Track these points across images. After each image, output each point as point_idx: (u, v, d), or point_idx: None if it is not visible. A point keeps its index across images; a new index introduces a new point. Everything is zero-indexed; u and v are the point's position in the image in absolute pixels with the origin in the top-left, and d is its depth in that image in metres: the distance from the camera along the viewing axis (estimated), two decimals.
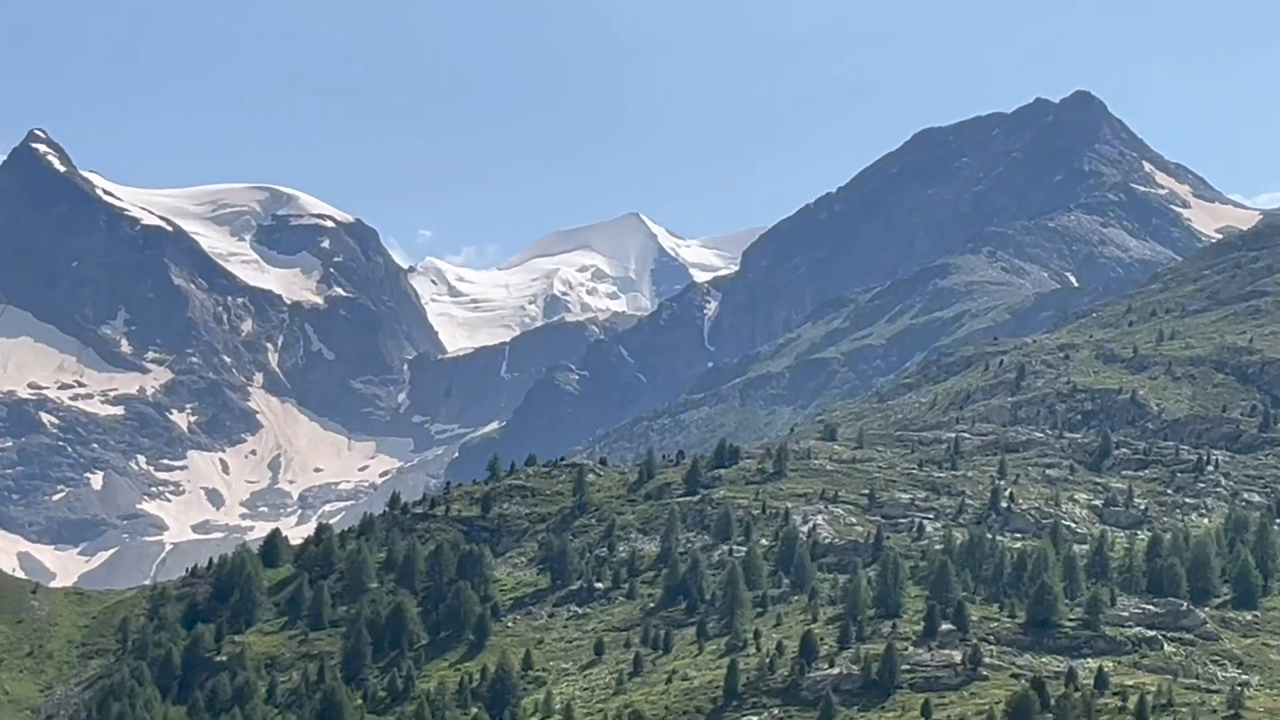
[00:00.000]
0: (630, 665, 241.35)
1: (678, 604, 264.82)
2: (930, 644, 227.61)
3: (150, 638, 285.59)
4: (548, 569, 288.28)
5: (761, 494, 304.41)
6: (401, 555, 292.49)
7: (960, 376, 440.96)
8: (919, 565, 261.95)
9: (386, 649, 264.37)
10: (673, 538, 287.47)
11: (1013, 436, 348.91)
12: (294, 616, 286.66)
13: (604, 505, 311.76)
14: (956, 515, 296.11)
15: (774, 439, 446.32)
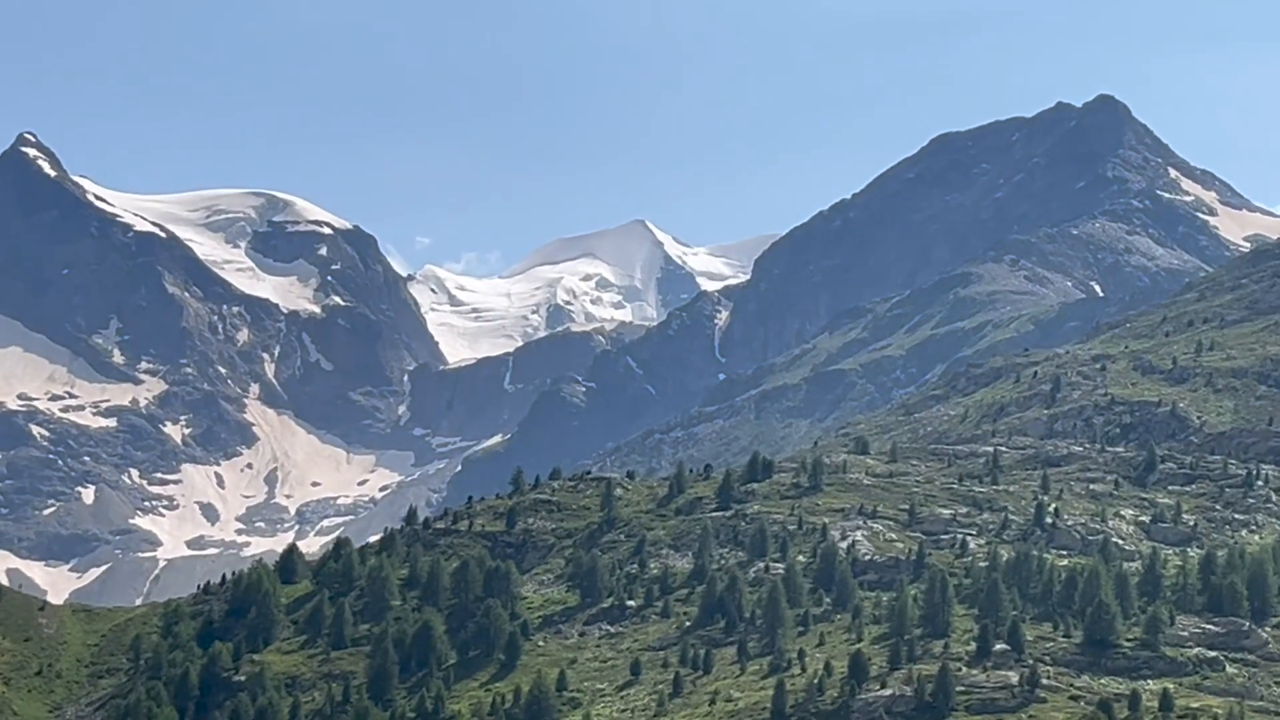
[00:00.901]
0: (670, 686, 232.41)
1: (715, 622, 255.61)
2: (985, 664, 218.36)
3: (164, 656, 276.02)
4: (577, 586, 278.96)
5: (797, 509, 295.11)
6: (425, 572, 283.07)
7: (990, 388, 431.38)
8: (963, 583, 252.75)
9: (414, 669, 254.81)
10: (706, 554, 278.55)
11: (1052, 450, 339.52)
12: (314, 635, 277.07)
13: (633, 520, 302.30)
14: (1000, 531, 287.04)
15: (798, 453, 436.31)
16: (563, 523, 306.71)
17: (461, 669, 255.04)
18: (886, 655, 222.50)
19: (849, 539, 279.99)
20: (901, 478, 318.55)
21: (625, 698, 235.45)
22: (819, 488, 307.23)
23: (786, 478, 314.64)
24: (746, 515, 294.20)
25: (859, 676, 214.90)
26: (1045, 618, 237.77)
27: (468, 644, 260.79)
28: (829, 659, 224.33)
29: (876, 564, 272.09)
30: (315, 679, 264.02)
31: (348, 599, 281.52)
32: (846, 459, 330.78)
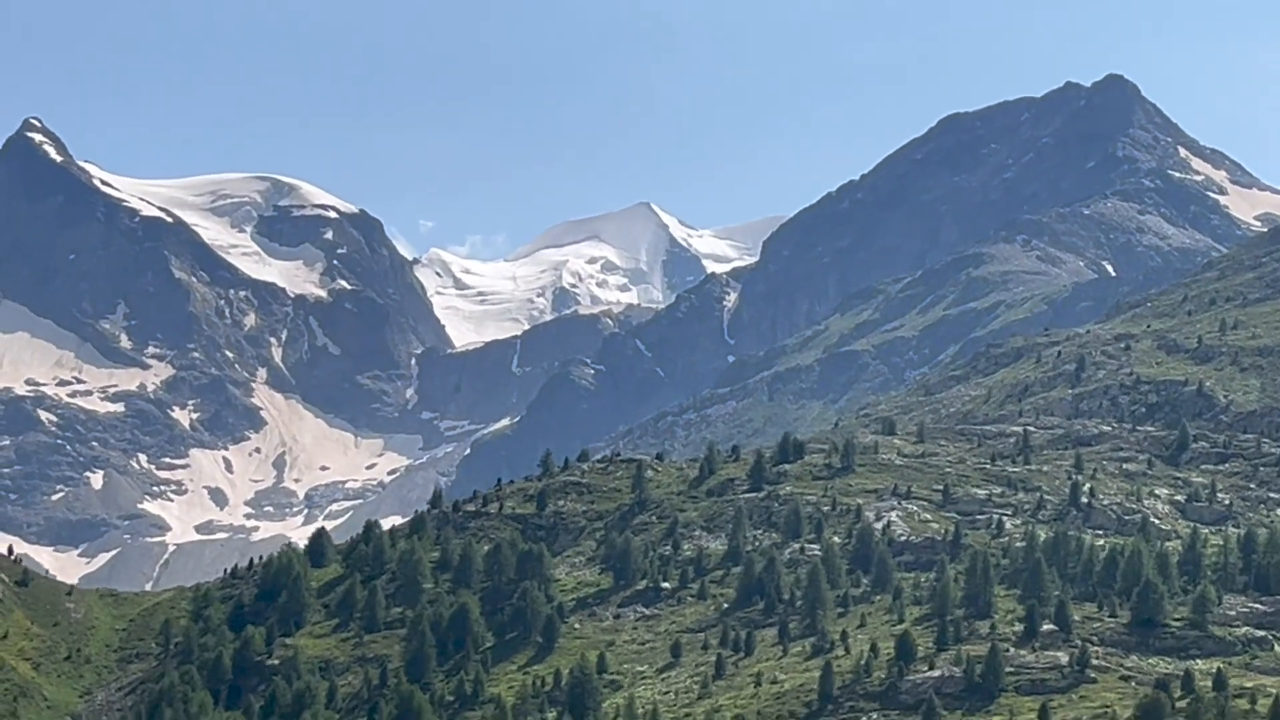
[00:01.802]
0: (712, 668, 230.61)
1: (754, 604, 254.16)
2: (1033, 645, 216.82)
3: (195, 640, 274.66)
4: (610, 568, 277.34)
5: (830, 490, 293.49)
6: (457, 555, 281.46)
7: (1011, 369, 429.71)
8: (1001, 563, 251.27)
9: (451, 651, 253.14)
10: (740, 535, 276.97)
11: (1082, 430, 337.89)
12: (346, 618, 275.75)
13: (664, 502, 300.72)
14: (1035, 511, 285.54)
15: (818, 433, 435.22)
16: (593, 505, 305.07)
17: (499, 652, 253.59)
18: (933, 636, 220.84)
19: (884, 520, 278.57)
20: (933, 458, 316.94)
21: (666, 680, 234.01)
22: (851, 468, 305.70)
23: (818, 459, 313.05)
24: (779, 496, 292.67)
25: (906, 657, 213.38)
26: (1086, 598, 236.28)
27: (504, 627, 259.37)
28: (874, 640, 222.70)
29: (912, 544, 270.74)
30: (349, 662, 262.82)
31: (379, 582, 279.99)
32: (877, 440, 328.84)
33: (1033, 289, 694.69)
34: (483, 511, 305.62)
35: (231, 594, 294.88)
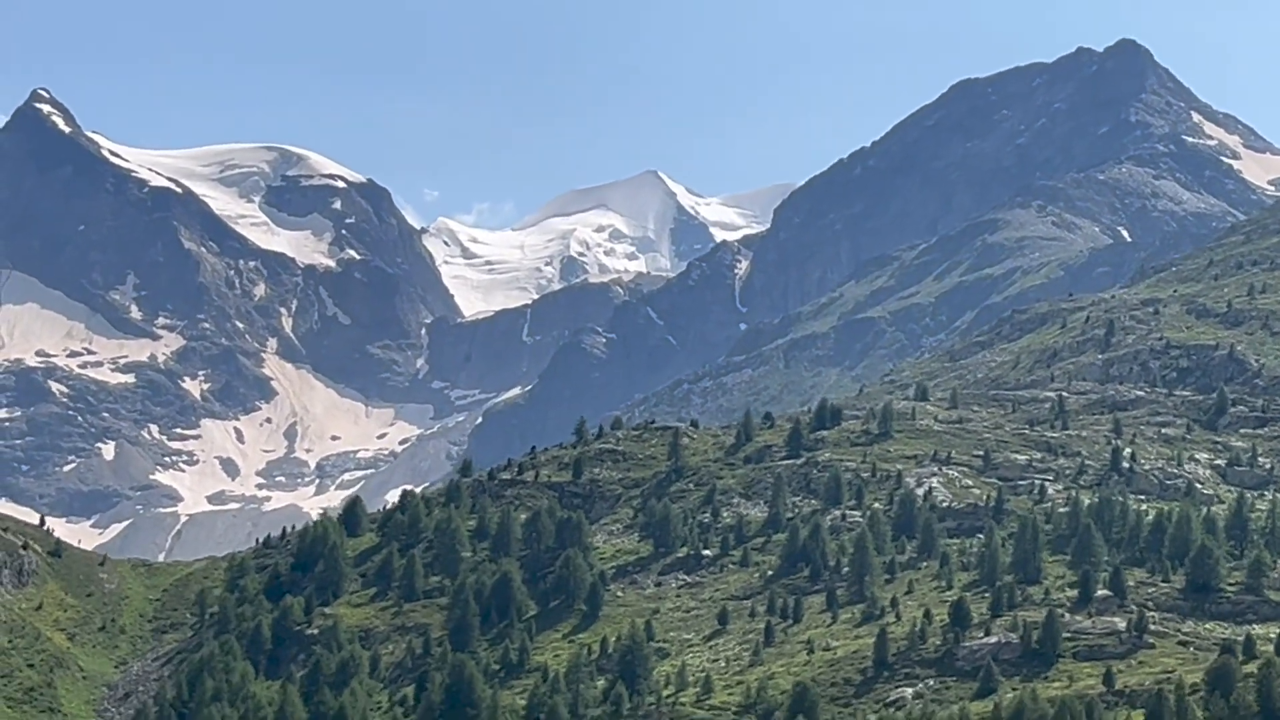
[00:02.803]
0: (761, 635, 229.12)
1: (799, 571, 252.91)
2: (1088, 611, 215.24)
3: (232, 610, 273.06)
4: (649, 536, 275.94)
5: (869, 456, 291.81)
6: (494, 523, 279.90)
7: (1036, 334, 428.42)
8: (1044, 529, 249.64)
9: (494, 620, 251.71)
10: (780, 502, 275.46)
11: (1118, 395, 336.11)
12: (384, 587, 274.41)
13: (701, 469, 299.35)
14: (1076, 476, 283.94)
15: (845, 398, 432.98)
16: (629, 472, 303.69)
17: (542, 620, 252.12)
18: (986, 603, 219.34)
19: (925, 486, 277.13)
20: (970, 424, 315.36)
21: (714, 647, 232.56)
22: (889, 434, 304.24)
23: (855, 425, 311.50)
24: (818, 463, 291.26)
25: (961, 624, 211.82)
26: (1134, 563, 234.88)
27: (547, 595, 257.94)
28: (927, 607, 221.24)
29: (955, 511, 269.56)
30: (389, 631, 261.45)
31: (416, 551, 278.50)
32: (914, 406, 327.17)
33: (1049, 255, 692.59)
34: (518, 479, 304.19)
35: (266, 563, 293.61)
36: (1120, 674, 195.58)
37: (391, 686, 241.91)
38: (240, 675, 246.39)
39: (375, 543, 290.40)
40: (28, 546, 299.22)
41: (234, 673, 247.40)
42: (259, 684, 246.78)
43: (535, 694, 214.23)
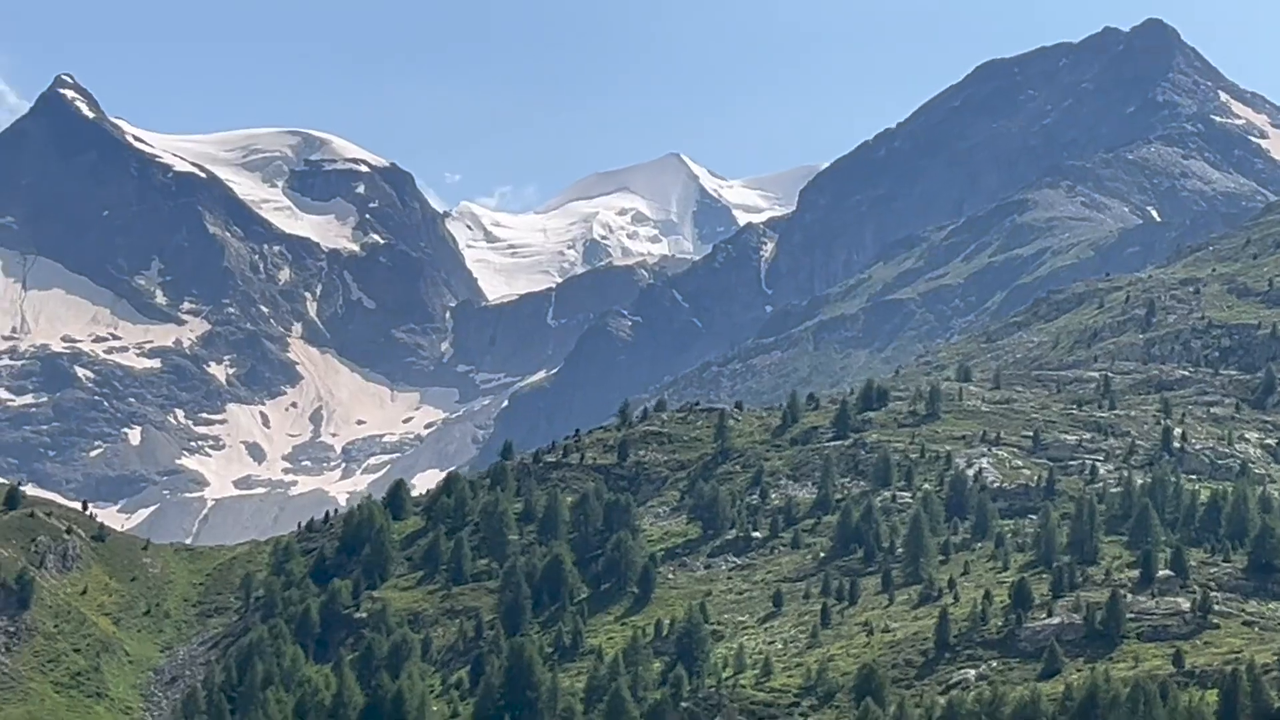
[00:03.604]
0: (816, 617, 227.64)
1: (852, 553, 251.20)
2: (1150, 591, 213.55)
3: (278, 594, 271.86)
4: (697, 518, 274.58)
5: (917, 437, 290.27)
6: (541, 506, 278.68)
7: (1074, 314, 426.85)
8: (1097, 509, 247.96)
9: (546, 603, 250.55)
10: (829, 484, 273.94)
11: (1162, 375, 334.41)
12: (431, 571, 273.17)
13: (748, 451, 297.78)
14: (1127, 457, 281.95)
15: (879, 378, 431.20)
16: (675, 454, 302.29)
17: (594, 603, 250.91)
18: (1047, 583, 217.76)
19: (975, 467, 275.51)
20: (1016, 404, 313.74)
21: (769, 630, 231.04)
22: (937, 415, 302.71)
23: (902, 406, 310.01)
24: (865, 444, 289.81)
25: (1023, 605, 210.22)
26: (1190, 543, 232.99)
27: (598, 578, 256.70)
28: (985, 588, 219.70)
29: (1006, 491, 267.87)
30: (438, 615, 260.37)
31: (464, 534, 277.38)
32: (961, 386, 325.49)
33: (1079, 235, 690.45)
34: (563, 462, 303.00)
35: (311, 547, 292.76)
36: (1188, 654, 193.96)
37: (444, 670, 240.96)
38: (291, 659, 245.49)
39: (420, 526, 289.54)
40: (71, 531, 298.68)
41: (284, 657, 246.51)
42: (310, 667, 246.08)
43: (594, 677, 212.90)
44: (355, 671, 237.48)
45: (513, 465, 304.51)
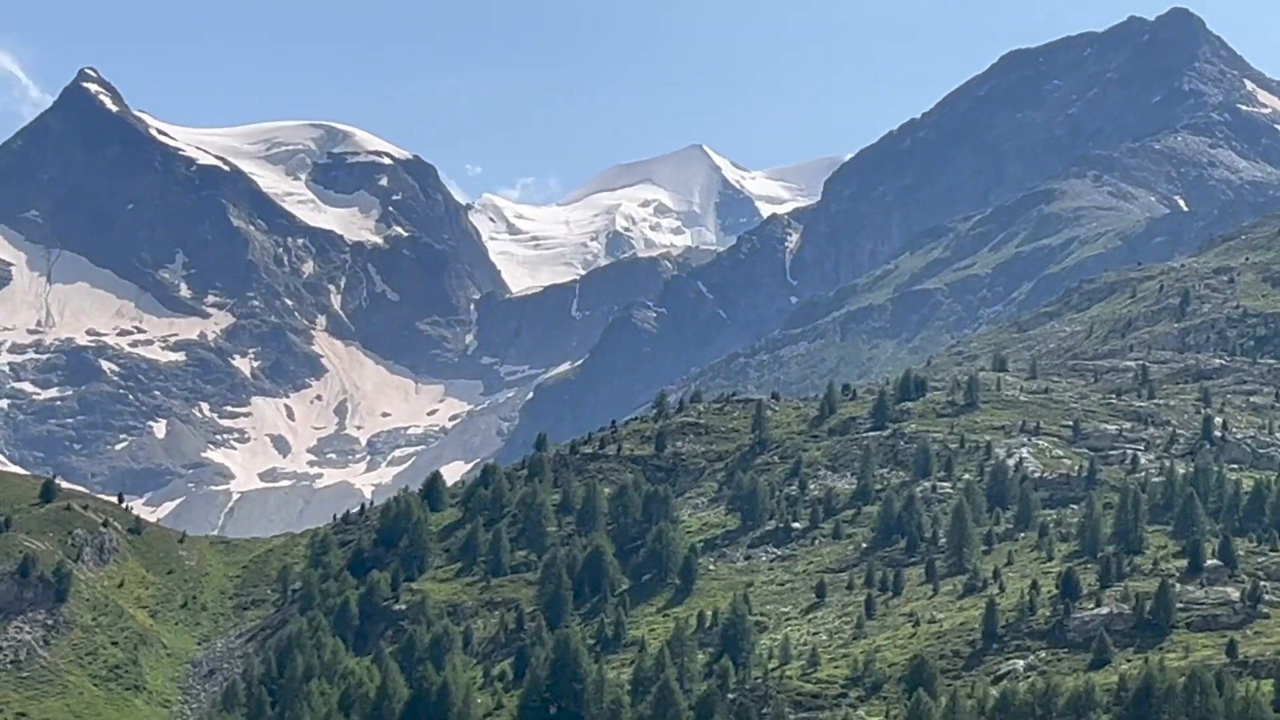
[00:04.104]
0: (860, 608, 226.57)
1: (894, 543, 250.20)
2: (1199, 581, 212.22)
3: (316, 586, 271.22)
4: (736, 509, 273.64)
5: (957, 427, 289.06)
6: (579, 497, 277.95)
7: (1106, 303, 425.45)
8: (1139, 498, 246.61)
9: (587, 595, 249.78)
10: (869, 474, 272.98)
11: (1198, 364, 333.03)
12: (469, 562, 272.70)
13: (785, 441, 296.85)
14: (1168, 446, 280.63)
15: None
16: (712, 445, 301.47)
17: (634, 594, 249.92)
18: (1094, 573, 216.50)
19: (1015, 456, 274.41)
20: (1055, 393, 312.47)
21: (813, 620, 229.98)
22: (975, 405, 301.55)
23: (940, 396, 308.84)
24: (904, 434, 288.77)
25: (1071, 595, 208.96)
26: (1235, 532, 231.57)
27: (639, 569, 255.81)
28: (1033, 578, 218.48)
29: (1047, 481, 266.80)
30: (477, 607, 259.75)
31: (501, 525, 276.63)
32: (999, 376, 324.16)
33: (1106, 224, 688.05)
34: (600, 453, 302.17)
35: (348, 539, 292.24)
36: (1239, 644, 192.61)
37: (485, 661, 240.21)
38: (331, 651, 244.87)
39: (458, 518, 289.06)
40: (108, 524, 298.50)
41: (324, 649, 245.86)
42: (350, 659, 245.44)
43: (640, 668, 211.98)
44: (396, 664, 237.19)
45: (549, 457, 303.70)
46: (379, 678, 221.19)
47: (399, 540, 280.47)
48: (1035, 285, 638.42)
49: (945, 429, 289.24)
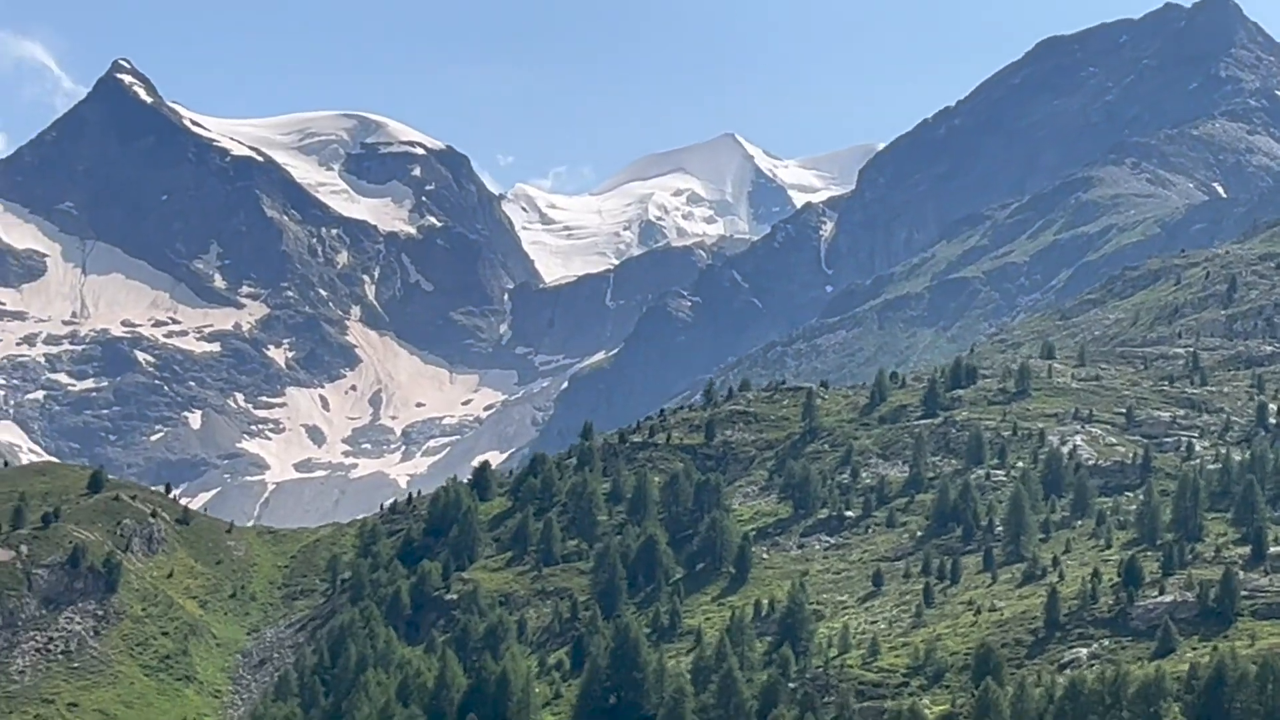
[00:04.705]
0: (918, 597, 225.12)
1: (950, 531, 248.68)
2: (1263, 568, 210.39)
3: (366, 576, 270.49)
4: (788, 497, 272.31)
5: (1009, 415, 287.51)
6: (629, 486, 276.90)
7: (1150, 290, 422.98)
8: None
9: (641, 583, 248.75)
10: (921, 462, 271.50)
11: (1250, 350, 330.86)
12: (520, 552, 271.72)
13: (836, 430, 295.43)
14: (1222, 433, 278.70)
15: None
16: (762, 434, 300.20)
17: (689, 583, 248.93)
18: (1156, 561, 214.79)
19: (1068, 444, 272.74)
20: (1106, 380, 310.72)
21: (870, 609, 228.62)
22: (1027, 392, 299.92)
23: (991, 383, 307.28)
24: (956, 422, 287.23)
25: (1134, 583, 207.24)
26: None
27: (693, 558, 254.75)
28: (1094, 566, 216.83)
29: (1101, 469, 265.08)
30: (529, 596, 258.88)
31: (552, 514, 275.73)
32: (1050, 364, 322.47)
33: (1145, 211, 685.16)
34: (650, 442, 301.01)
35: (397, 529, 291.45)
36: None
37: (540, 651, 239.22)
38: (384, 641, 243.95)
39: (507, 507, 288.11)
40: (156, 514, 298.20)
41: (378, 639, 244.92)
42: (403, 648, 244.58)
43: (700, 658, 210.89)
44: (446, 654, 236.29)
45: (598, 445, 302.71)
46: (437, 667, 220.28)
47: (449, 530, 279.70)
48: (1074, 273, 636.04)
49: (997, 416, 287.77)
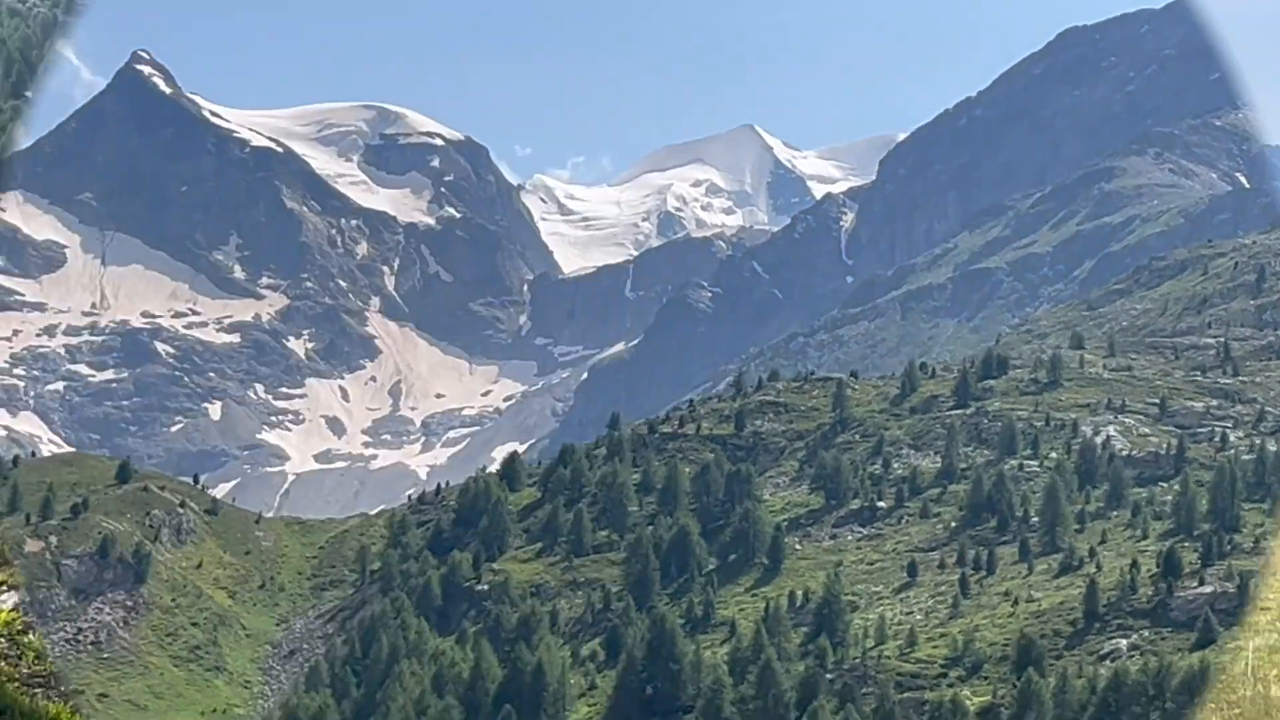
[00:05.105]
0: (954, 588, 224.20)
1: (985, 522, 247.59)
2: None
3: (395, 567, 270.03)
4: (820, 488, 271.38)
5: (1041, 405, 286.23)
6: (660, 476, 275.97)
7: (1178, 280, 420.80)
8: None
9: (674, 574, 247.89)
10: (954, 452, 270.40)
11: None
12: (550, 542, 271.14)
13: (866, 420, 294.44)
14: (1256, 423, 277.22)
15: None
16: (792, 424, 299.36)
17: (722, 574, 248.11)
18: (1194, 551, 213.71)
19: (1102, 434, 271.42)
20: (1137, 371, 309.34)
21: (905, 600, 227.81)
22: (1058, 383, 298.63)
23: (1023, 374, 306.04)
24: (988, 413, 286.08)
25: (1173, 574, 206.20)
26: None
27: (725, 548, 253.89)
28: (1132, 556, 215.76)
29: (1135, 459, 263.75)
30: (560, 587, 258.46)
31: (582, 505, 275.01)
32: (1081, 354, 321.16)
33: (1168, 202, 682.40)
34: (679, 433, 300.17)
35: (426, 520, 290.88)
36: None
37: (573, 642, 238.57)
38: (416, 632, 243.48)
39: (537, 498, 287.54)
40: (185, 505, 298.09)
41: (409, 629, 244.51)
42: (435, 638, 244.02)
43: (737, 648, 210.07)
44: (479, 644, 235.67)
45: (627, 436, 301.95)
46: (472, 658, 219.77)
47: (478, 521, 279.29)
48: (1097, 263, 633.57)
49: (1029, 407, 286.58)
